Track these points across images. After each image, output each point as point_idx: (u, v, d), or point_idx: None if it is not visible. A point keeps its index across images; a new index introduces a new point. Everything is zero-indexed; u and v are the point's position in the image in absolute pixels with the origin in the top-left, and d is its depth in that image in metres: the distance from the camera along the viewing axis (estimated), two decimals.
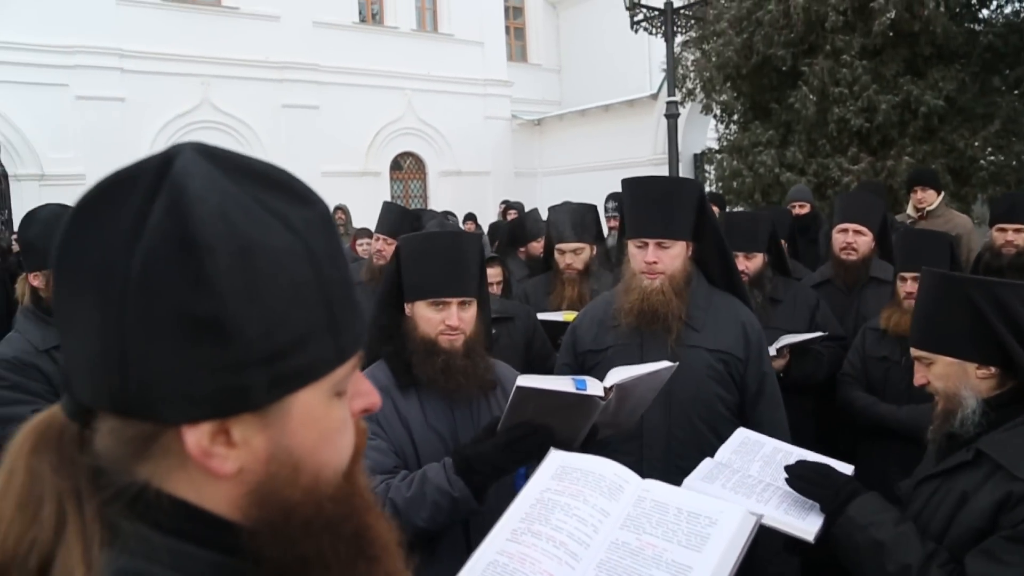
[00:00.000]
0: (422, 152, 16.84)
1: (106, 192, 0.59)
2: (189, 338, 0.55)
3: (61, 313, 0.60)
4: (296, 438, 0.61)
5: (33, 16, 12.63)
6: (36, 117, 12.81)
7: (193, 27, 14.01)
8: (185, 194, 0.55)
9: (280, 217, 0.59)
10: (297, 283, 0.59)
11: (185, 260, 0.54)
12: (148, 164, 0.58)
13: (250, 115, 14.48)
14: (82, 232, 0.58)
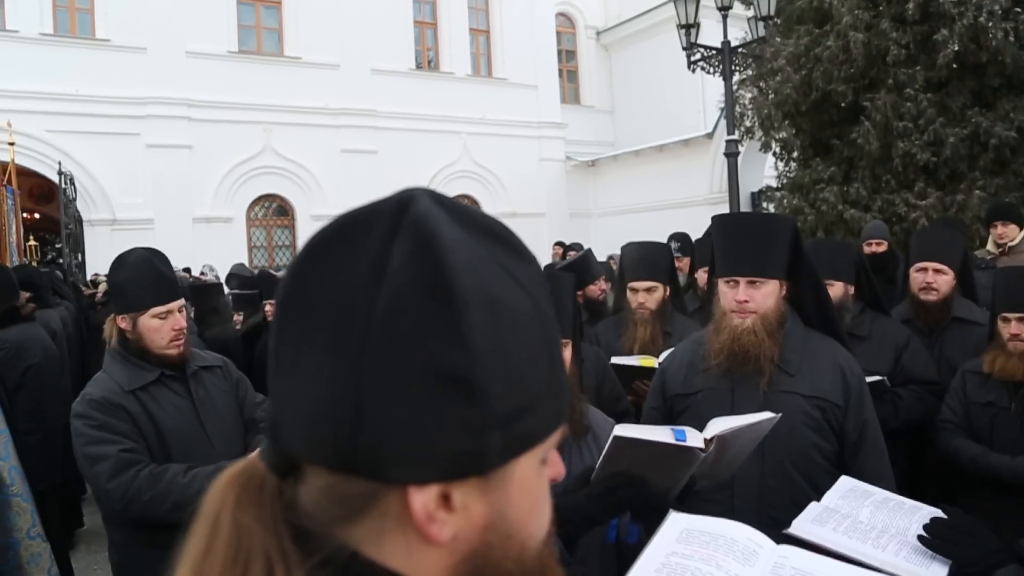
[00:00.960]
0: (478, 194, 17.02)
1: (340, 232, 0.56)
2: (435, 394, 0.51)
3: (282, 356, 0.55)
4: (513, 506, 0.57)
5: (110, 71, 13.32)
6: (110, 165, 13.38)
7: (257, 77, 14.54)
8: (437, 241, 0.52)
9: (510, 273, 0.56)
10: (532, 342, 0.56)
11: (438, 310, 0.51)
12: (383, 206, 0.56)
13: (310, 160, 14.86)
14: (314, 273, 0.54)
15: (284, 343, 0.55)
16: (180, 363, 2.34)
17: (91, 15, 13.61)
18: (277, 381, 0.56)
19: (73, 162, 12.93)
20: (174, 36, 13.81)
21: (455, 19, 17.23)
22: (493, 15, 17.98)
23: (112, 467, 2.12)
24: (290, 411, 0.55)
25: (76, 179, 12.85)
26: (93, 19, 13.60)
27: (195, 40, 14.05)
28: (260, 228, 15.03)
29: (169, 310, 2.28)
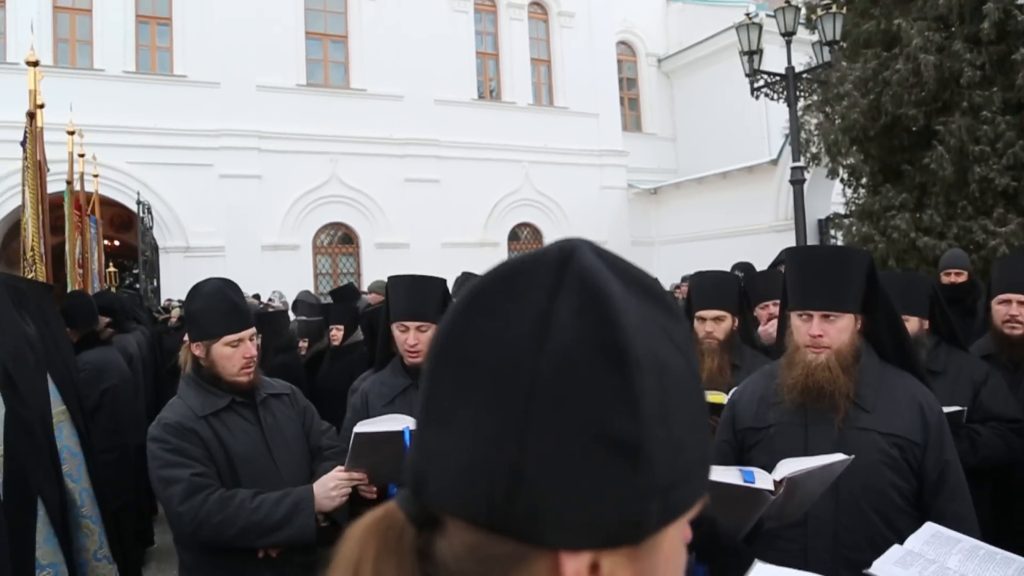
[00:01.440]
0: (539, 223, 17.09)
1: (501, 283, 0.54)
2: (601, 460, 0.49)
3: (435, 407, 0.54)
4: (657, 574, 0.55)
5: (186, 105, 13.89)
6: (185, 195, 13.90)
7: (324, 109, 14.96)
8: (606, 298, 0.51)
9: (668, 334, 0.54)
10: (692, 409, 0.54)
11: (609, 372, 0.49)
12: (545, 258, 0.54)
13: (375, 189, 15.16)
14: (475, 324, 0.53)
15: (438, 394, 0.54)
16: (250, 390, 2.40)
17: (170, 53, 14.28)
18: (427, 432, 0.54)
19: (151, 192, 13.50)
20: (246, 71, 14.37)
21: (516, 49, 17.46)
22: (554, 45, 18.17)
23: (184, 490, 2.18)
24: (440, 464, 0.53)
25: (153, 208, 13.40)
26: (172, 57, 14.26)
27: (265, 74, 14.57)
28: (326, 255, 15.38)
29: (240, 338, 2.35)
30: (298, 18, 15.17)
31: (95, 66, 13.69)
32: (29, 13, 13.00)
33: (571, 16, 18.13)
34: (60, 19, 13.78)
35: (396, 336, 2.72)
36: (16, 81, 12.27)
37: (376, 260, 14.91)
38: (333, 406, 3.70)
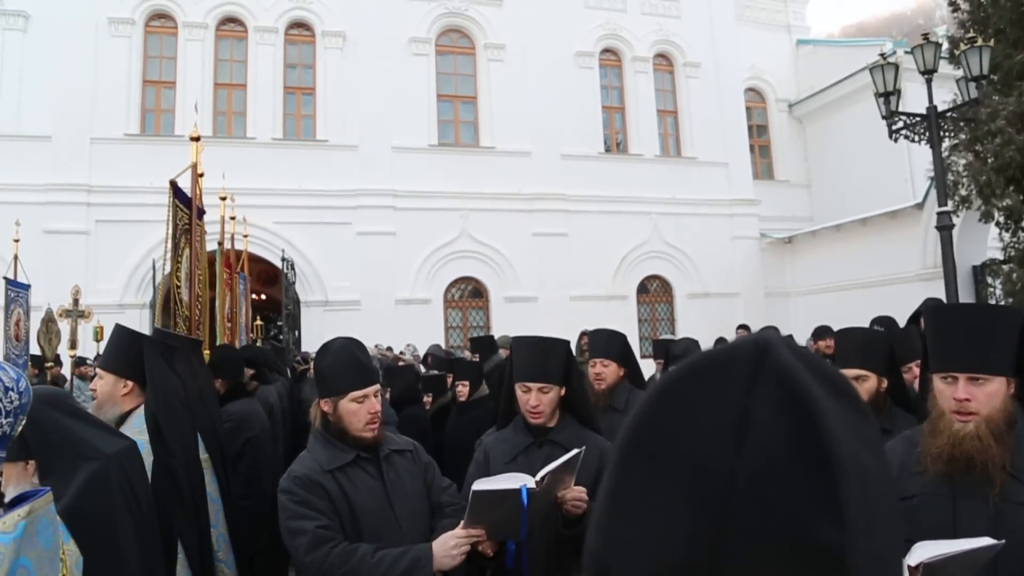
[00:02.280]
0: (668, 275, 16.82)
1: (695, 376, 0.53)
2: (800, 567, 0.46)
3: (624, 498, 0.52)
4: None
5: (327, 167, 14.81)
6: (324, 251, 14.68)
7: (455, 167, 15.52)
8: (807, 398, 0.49)
9: (863, 436, 0.52)
10: (891, 515, 0.51)
11: (813, 476, 0.47)
12: (739, 353, 0.53)
13: (504, 244, 15.46)
14: (669, 417, 0.52)
15: (627, 485, 0.52)
16: (375, 445, 2.47)
17: (313, 120, 15.33)
18: (613, 521, 0.53)
19: (294, 249, 14.35)
20: (382, 134, 15.19)
21: (642, 102, 17.51)
22: (680, 96, 18.08)
23: (309, 542, 2.24)
24: (626, 557, 0.51)
25: (296, 264, 14.23)
26: (315, 124, 15.29)
27: (400, 136, 15.34)
28: (456, 309, 15.75)
29: (365, 395, 2.43)
30: (430, 83, 15.93)
31: (248, 135, 14.87)
32: (195, 91, 14.41)
33: (697, 66, 18.03)
34: (220, 94, 15.13)
35: (519, 396, 2.74)
36: (182, 151, 13.58)
37: (505, 313, 15.12)
38: (459, 460, 3.77)
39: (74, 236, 13.96)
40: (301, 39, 15.70)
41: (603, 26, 17.39)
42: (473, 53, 16.56)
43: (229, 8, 15.28)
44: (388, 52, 15.63)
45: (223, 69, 15.26)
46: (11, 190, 13.61)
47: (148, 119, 14.88)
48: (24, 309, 9.94)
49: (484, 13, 16.50)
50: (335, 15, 15.56)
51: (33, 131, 14.15)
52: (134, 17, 14.78)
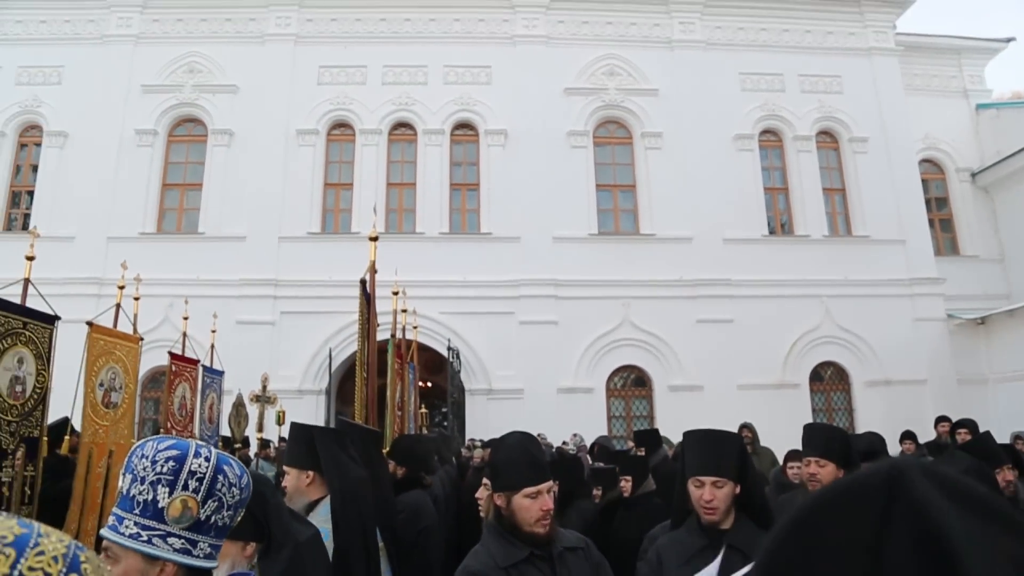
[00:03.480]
0: (844, 361, 15.76)
1: (827, 507, 0.54)
2: None
3: None
4: None
5: (491, 259, 15.35)
6: (489, 340, 14.99)
7: (615, 255, 15.55)
8: (944, 539, 0.47)
9: (1018, 564, 0.48)
10: None
11: None
12: (870, 486, 0.52)
13: (666, 331, 15.16)
14: (800, 553, 0.52)
15: None
16: (547, 542, 2.47)
17: (477, 214, 15.98)
18: None
19: (459, 339, 14.77)
20: (543, 225, 15.54)
21: (807, 181, 16.90)
22: (848, 172, 17.31)
23: None
24: None
25: (461, 353, 14.62)
26: (479, 218, 15.92)
27: (561, 226, 15.62)
28: (619, 398, 15.49)
29: (539, 491, 2.45)
30: (589, 173, 16.21)
31: (417, 230, 15.69)
32: (370, 191, 15.49)
33: (864, 141, 17.25)
34: (392, 193, 16.15)
35: (691, 492, 2.66)
36: (358, 247, 14.52)
37: (669, 403, 14.71)
38: (625, 556, 3.74)
39: (262, 326, 15.08)
40: (465, 139, 16.56)
41: (761, 107, 17.12)
42: (631, 142, 16.76)
43: (401, 114, 16.45)
44: (548, 146, 16.14)
45: (395, 170, 16.33)
46: (211, 285, 15.00)
47: (328, 218, 16.08)
48: (217, 393, 10.74)
49: (640, 103, 16.73)
50: (497, 115, 16.35)
51: (231, 232, 15.65)
52: (318, 128, 16.26)
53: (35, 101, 16.88)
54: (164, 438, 1.47)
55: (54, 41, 17.29)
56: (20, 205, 16.77)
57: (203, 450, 1.46)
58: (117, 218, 15.89)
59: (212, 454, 1.47)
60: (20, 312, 6.22)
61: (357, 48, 16.83)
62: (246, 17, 17.16)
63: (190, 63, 16.87)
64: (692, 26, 17.41)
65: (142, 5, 17.24)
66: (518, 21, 17.06)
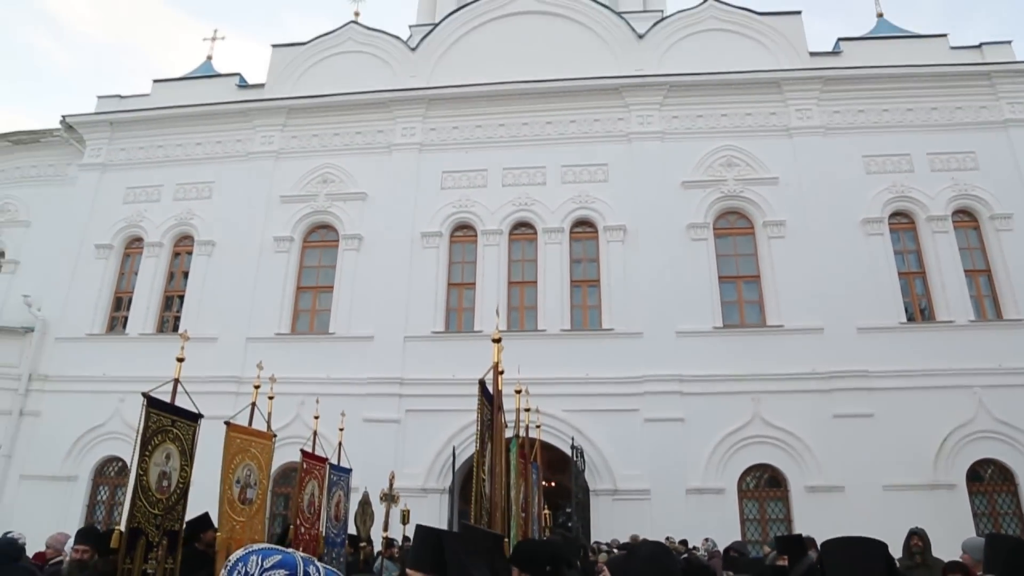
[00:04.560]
0: (1007, 459, 14.29)
1: None
2: None
3: None
4: None
5: (613, 355, 15.21)
6: (613, 439, 14.71)
7: (741, 348, 15.07)
8: None
9: None
10: None
11: None
12: None
13: (800, 427, 14.40)
14: None
15: None
16: None
17: (598, 311, 15.97)
18: None
19: (583, 437, 14.57)
20: (665, 319, 15.33)
21: (946, 263, 15.93)
22: (992, 252, 16.21)
23: None
24: None
25: (585, 452, 14.37)
26: (600, 314, 15.90)
27: (683, 320, 15.35)
28: (752, 500, 14.69)
29: None
30: (711, 265, 15.96)
31: (539, 327, 15.81)
32: (492, 291, 15.87)
33: (1008, 218, 16.19)
34: (513, 291, 16.46)
35: None
36: (480, 346, 14.74)
37: (808, 505, 13.82)
38: None
39: (387, 424, 15.43)
40: (585, 236, 16.77)
41: (889, 189, 16.46)
42: (752, 232, 16.47)
43: (521, 214, 16.92)
44: (667, 240, 16.10)
45: (516, 268, 16.69)
46: (340, 383, 15.60)
47: (452, 318, 16.51)
48: (344, 491, 10.93)
49: (760, 192, 16.50)
50: (615, 211, 16.52)
51: (359, 332, 16.32)
52: (442, 230, 16.96)
53: (189, 214, 18.47)
54: (267, 551, 1.42)
55: (207, 160, 19.04)
56: (172, 308, 18.14)
57: (311, 568, 1.43)
58: (256, 320, 16.91)
59: (320, 571, 1.44)
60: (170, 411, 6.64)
61: (478, 153, 17.62)
62: (375, 129, 18.37)
63: (324, 174, 18.11)
64: (809, 112, 17.19)
65: (282, 124, 18.79)
66: (632, 119, 17.40)
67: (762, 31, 18.20)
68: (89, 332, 17.72)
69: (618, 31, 18.65)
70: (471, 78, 18.29)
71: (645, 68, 17.90)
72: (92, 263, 18.51)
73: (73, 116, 19.83)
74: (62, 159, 20.57)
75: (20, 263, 19.56)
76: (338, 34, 19.95)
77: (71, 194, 19.63)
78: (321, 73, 19.45)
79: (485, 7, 19.53)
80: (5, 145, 20.97)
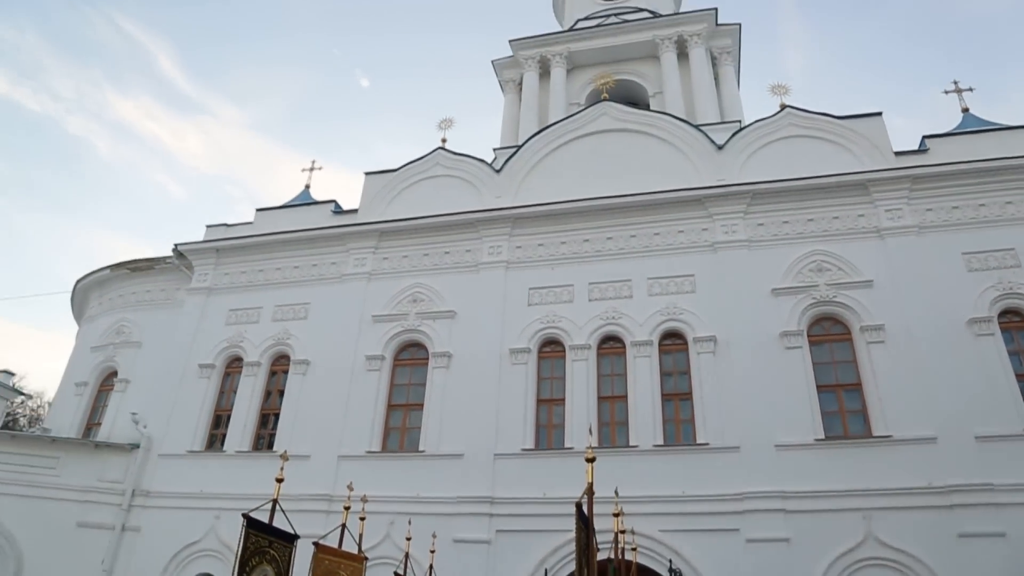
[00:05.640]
0: None
1: None
2: None
3: None
4: None
5: (709, 471, 14.65)
6: (713, 561, 13.93)
7: (847, 461, 14.22)
8: None
9: None
10: None
11: None
12: None
13: (921, 548, 13.25)
14: None
15: None
16: None
17: (692, 425, 15.45)
18: None
19: (681, 559, 13.87)
20: (763, 433, 14.69)
21: None
22: None
23: None
24: None
25: (683, 574, 13.63)
26: (694, 428, 15.38)
27: (782, 433, 14.67)
28: None
29: None
30: (808, 375, 15.35)
31: (631, 443, 15.42)
32: (581, 406, 15.68)
33: None
34: (603, 407, 16.21)
35: None
36: (571, 463, 14.48)
37: None
38: None
39: (478, 546, 15.09)
40: (674, 348, 16.52)
41: (996, 286, 15.57)
42: (849, 338, 15.86)
43: (609, 328, 16.88)
44: (760, 349, 15.66)
45: (605, 383, 16.50)
46: (430, 503, 15.52)
47: (542, 434, 16.31)
48: None
49: (855, 296, 15.99)
50: (704, 322, 16.29)
51: (449, 450, 16.32)
52: (530, 347, 17.07)
53: (285, 334, 19.25)
54: None
55: (303, 282, 19.98)
56: (268, 426, 18.63)
57: None
58: (347, 438, 17.18)
59: None
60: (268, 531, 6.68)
61: (563, 268, 17.87)
62: (463, 249, 18.96)
63: (414, 293, 18.68)
64: (899, 212, 16.77)
65: (374, 246, 19.63)
66: (717, 229, 17.38)
67: (843, 134, 18.13)
68: (189, 449, 18.34)
69: (697, 143, 18.94)
70: (554, 196, 18.79)
71: (727, 178, 18.01)
72: (195, 382, 19.36)
73: (184, 244, 21.26)
74: (172, 284, 21.98)
75: (131, 382, 20.66)
76: (427, 160, 20.99)
77: (179, 316, 20.82)
78: (411, 196, 20.40)
79: (565, 128, 20.25)
80: (124, 272, 22.60)
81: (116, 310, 22.41)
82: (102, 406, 21.13)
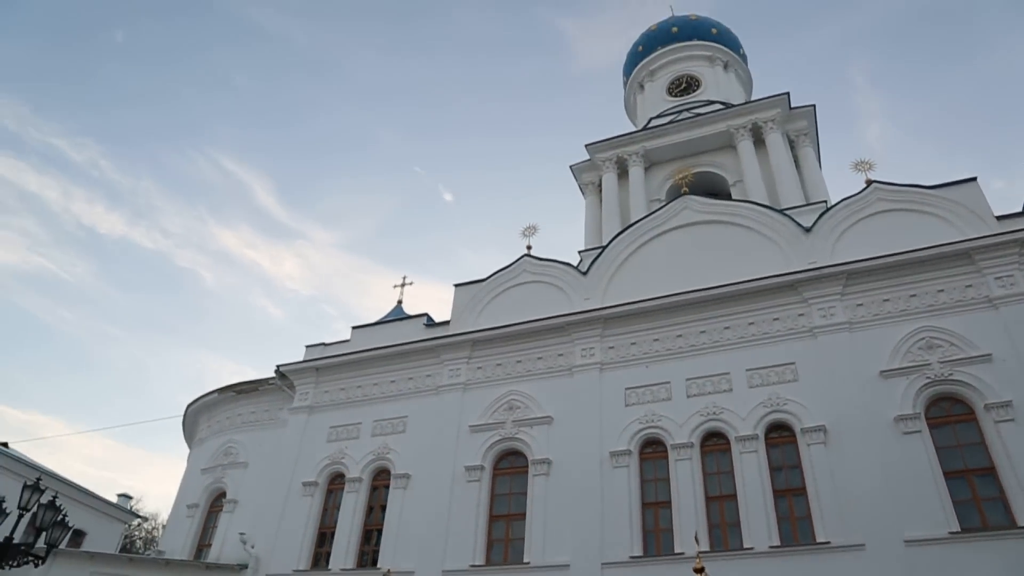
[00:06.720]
0: None
1: None
2: None
3: None
4: None
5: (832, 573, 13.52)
6: None
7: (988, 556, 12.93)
8: None
9: None
10: None
11: None
12: None
13: None
14: None
15: None
16: None
17: (809, 522, 14.44)
18: None
19: None
20: (888, 528, 13.53)
21: None
22: None
23: None
24: None
25: None
26: (811, 526, 14.37)
27: (910, 527, 13.39)
28: None
29: None
30: (931, 462, 14.15)
31: (744, 545, 14.54)
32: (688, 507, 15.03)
33: None
34: (712, 507, 15.46)
35: None
36: (682, 570, 13.75)
37: None
38: None
39: None
40: (782, 440, 15.78)
41: None
42: (973, 418, 14.62)
43: (711, 424, 16.33)
44: (873, 435, 14.73)
45: (712, 482, 15.81)
46: None
47: (649, 539, 15.63)
48: None
49: (974, 372, 14.94)
50: (811, 411, 15.55)
51: (554, 560, 15.83)
52: (630, 448, 16.66)
53: (385, 448, 19.47)
54: None
55: (400, 396, 20.33)
56: (371, 542, 18.61)
57: None
58: (451, 551, 16.94)
59: None
60: None
61: (658, 366, 17.58)
62: (555, 353, 18.98)
63: (509, 401, 18.68)
64: (1012, 278, 15.85)
65: (467, 356, 19.89)
66: (814, 313, 16.84)
67: (937, 204, 17.49)
68: (295, 568, 18.43)
69: (784, 228, 18.66)
70: (643, 294, 18.73)
71: (818, 260, 17.58)
72: (299, 500, 19.66)
73: (285, 365, 22.08)
74: (276, 404, 22.73)
75: (239, 502, 21.15)
76: (513, 268, 21.40)
77: (282, 436, 21.41)
78: (500, 304, 20.73)
79: (648, 225, 20.37)
80: (231, 395, 23.56)
81: (224, 432, 23.25)
82: (212, 526, 21.66)
